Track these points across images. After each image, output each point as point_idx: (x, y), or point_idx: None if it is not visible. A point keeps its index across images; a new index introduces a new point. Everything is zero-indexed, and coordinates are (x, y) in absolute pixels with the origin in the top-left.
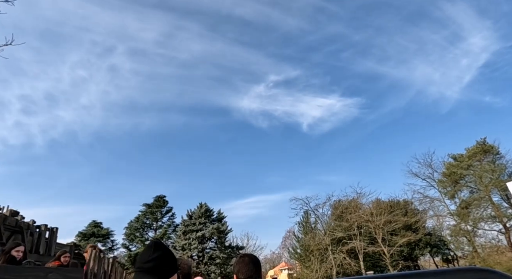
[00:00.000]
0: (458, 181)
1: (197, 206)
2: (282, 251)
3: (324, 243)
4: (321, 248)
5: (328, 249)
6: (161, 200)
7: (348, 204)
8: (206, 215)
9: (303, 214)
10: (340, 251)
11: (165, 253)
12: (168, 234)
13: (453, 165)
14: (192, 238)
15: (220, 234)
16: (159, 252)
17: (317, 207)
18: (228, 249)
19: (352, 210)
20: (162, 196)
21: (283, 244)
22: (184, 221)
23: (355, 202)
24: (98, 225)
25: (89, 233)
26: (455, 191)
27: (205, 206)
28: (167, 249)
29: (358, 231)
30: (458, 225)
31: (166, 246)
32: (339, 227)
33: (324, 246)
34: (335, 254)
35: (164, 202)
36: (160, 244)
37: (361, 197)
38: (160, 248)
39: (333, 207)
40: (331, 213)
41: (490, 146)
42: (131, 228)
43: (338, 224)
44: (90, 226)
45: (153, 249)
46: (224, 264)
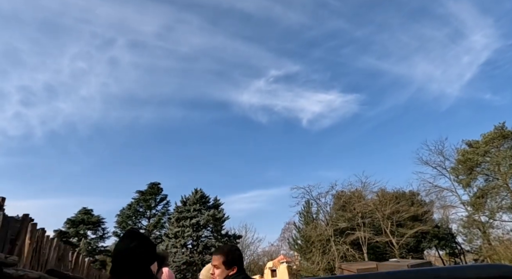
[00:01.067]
0: (473, 168)
1: (192, 191)
2: (281, 243)
3: (326, 234)
4: (323, 239)
5: (331, 240)
6: (155, 187)
7: (352, 194)
8: (201, 201)
9: (304, 203)
10: (343, 242)
11: (142, 242)
12: (162, 223)
13: (468, 151)
14: (186, 225)
15: (216, 221)
16: (136, 241)
17: (319, 196)
18: (224, 237)
19: (356, 200)
20: (156, 183)
21: (282, 236)
22: (178, 208)
23: (359, 192)
24: (89, 212)
25: (78, 220)
26: (470, 178)
27: (201, 192)
28: (144, 238)
29: (362, 221)
30: (472, 215)
31: (144, 235)
32: (342, 217)
33: (326, 237)
34: (337, 246)
35: (159, 189)
36: (137, 233)
37: (366, 186)
38: (137, 237)
39: (335, 197)
40: (333, 203)
41: (509, 131)
42: (123, 215)
43: (341, 214)
44: (80, 213)
45: (130, 238)
46: None
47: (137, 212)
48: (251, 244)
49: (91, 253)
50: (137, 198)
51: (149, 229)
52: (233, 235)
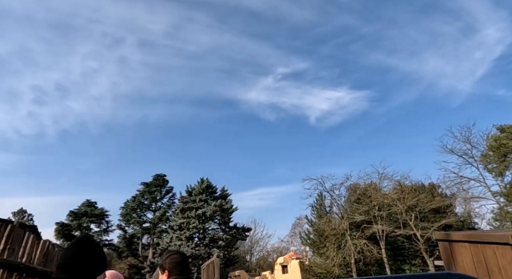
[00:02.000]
0: (507, 155)
1: (197, 181)
2: (291, 239)
3: (341, 227)
4: (337, 233)
5: (346, 234)
6: (160, 179)
7: (367, 186)
8: (207, 191)
9: (317, 196)
10: (359, 236)
11: (87, 252)
12: (168, 216)
13: (501, 137)
14: (191, 217)
15: (224, 212)
16: (81, 250)
17: (333, 187)
18: (232, 230)
19: (372, 192)
20: (162, 174)
21: (293, 232)
22: (183, 198)
23: (375, 184)
24: (92, 204)
25: (81, 212)
26: (504, 166)
27: (207, 182)
28: (91, 247)
29: (380, 214)
30: (504, 207)
31: (92, 244)
32: (358, 210)
33: (341, 231)
34: (354, 240)
35: (164, 181)
36: (84, 242)
37: (383, 178)
38: (84, 246)
39: (348, 189)
40: (347, 195)
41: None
42: (128, 208)
43: (356, 207)
44: (83, 205)
45: (76, 246)
46: (227, 247)
47: (142, 204)
48: (260, 240)
49: None
50: (142, 190)
51: (154, 222)
52: (242, 228)
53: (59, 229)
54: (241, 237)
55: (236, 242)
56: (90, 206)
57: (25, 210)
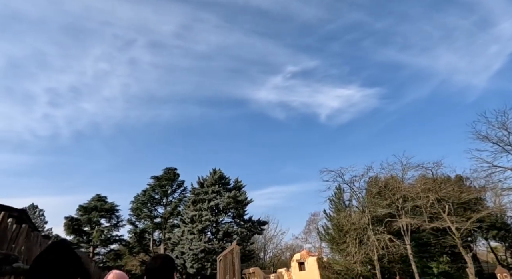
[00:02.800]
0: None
1: (209, 172)
2: (306, 236)
3: (362, 222)
4: (358, 228)
5: (368, 229)
6: (171, 172)
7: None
8: (220, 182)
9: (335, 189)
10: (382, 231)
11: (61, 257)
12: (179, 210)
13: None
14: (204, 209)
15: (238, 204)
16: (55, 254)
17: (353, 180)
18: (247, 223)
19: (395, 184)
20: (172, 168)
21: (307, 229)
22: (194, 189)
23: (395, 178)
24: (102, 199)
25: (90, 207)
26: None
27: (219, 172)
28: (66, 252)
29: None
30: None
31: (67, 249)
32: (380, 203)
33: (363, 226)
34: (377, 235)
35: (175, 174)
36: (58, 246)
37: (407, 169)
38: (58, 251)
39: (369, 182)
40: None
41: None
42: (138, 202)
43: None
44: (93, 199)
45: (50, 250)
46: (242, 241)
47: (153, 199)
48: (273, 237)
49: (104, 242)
50: (152, 184)
51: (166, 216)
52: (258, 221)
53: (68, 224)
54: (257, 231)
55: (251, 236)
56: (100, 201)
57: (36, 206)
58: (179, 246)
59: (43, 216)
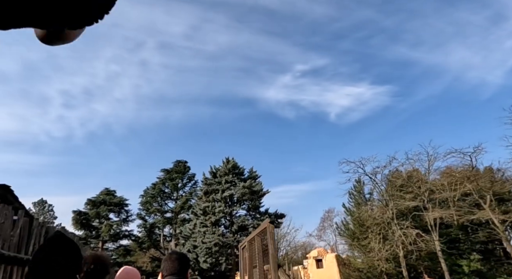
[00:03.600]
0: None
1: (222, 161)
2: (320, 233)
3: (386, 216)
4: (381, 222)
5: (392, 223)
6: (181, 165)
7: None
8: (234, 172)
9: (355, 182)
10: (408, 226)
11: (67, 251)
12: (190, 204)
13: None
14: (217, 199)
15: (253, 195)
16: (55, 248)
17: (375, 171)
18: (263, 215)
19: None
20: (183, 161)
21: (321, 226)
22: (206, 180)
23: (419, 171)
24: (111, 192)
25: (99, 200)
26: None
27: (233, 162)
28: (66, 246)
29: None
30: None
31: (67, 242)
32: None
33: (387, 220)
34: (403, 230)
35: (186, 167)
36: (62, 240)
37: (433, 159)
38: (62, 245)
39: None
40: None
41: None
42: (147, 195)
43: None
44: (101, 193)
45: (50, 244)
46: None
47: (163, 193)
48: (286, 234)
49: (114, 237)
50: (162, 177)
51: (176, 211)
52: (275, 214)
53: (76, 218)
54: (274, 224)
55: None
56: (109, 194)
57: (45, 201)
58: (191, 240)
59: (52, 211)
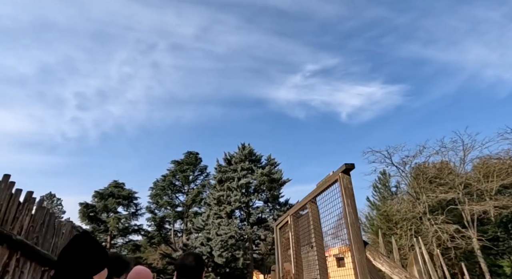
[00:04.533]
0: None
1: (238, 147)
2: (336, 231)
3: (417, 210)
4: (411, 217)
5: (424, 218)
6: (193, 157)
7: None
8: (250, 159)
9: (380, 174)
10: (444, 221)
11: (87, 248)
12: (202, 197)
13: None
14: (232, 188)
15: (273, 183)
16: (80, 246)
17: (403, 161)
18: (284, 206)
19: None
20: (194, 152)
21: (337, 223)
22: (220, 167)
23: (445, 163)
24: (120, 185)
25: (106, 193)
26: None
27: (249, 148)
28: (91, 244)
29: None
30: None
31: (91, 240)
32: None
33: (418, 215)
34: (437, 225)
35: (197, 159)
36: (86, 239)
37: (469, 149)
38: (82, 242)
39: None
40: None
41: None
42: (157, 188)
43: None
44: (110, 186)
45: (75, 242)
46: None
47: (173, 185)
48: None
49: (123, 232)
50: (173, 169)
51: (188, 204)
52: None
53: (83, 211)
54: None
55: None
56: (117, 187)
57: (53, 194)
58: (204, 232)
59: (61, 205)
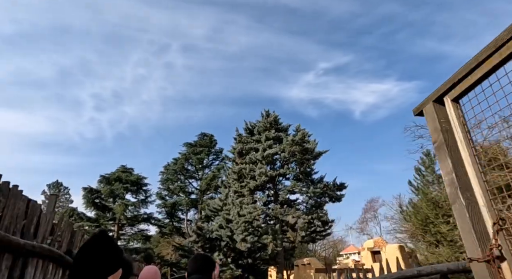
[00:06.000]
0: None
1: (261, 114)
2: (362, 226)
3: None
4: None
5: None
6: (207, 139)
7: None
8: (276, 128)
9: (423, 156)
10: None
11: (103, 248)
12: (218, 180)
13: None
14: (256, 160)
15: (305, 155)
16: (96, 246)
17: None
18: (317, 184)
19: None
20: (208, 134)
21: (363, 218)
22: (240, 137)
23: None
24: (128, 170)
25: (113, 178)
26: None
27: (274, 115)
28: (107, 244)
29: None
30: None
31: (108, 240)
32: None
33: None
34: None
35: (212, 141)
36: (103, 238)
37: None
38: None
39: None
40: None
41: None
42: (168, 172)
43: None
44: (117, 171)
45: (91, 242)
46: (311, 211)
47: (186, 171)
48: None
49: (131, 220)
50: (185, 152)
51: (202, 189)
52: (333, 183)
53: (87, 196)
54: (334, 196)
55: (323, 204)
56: (125, 172)
57: (60, 183)
58: (223, 212)
59: (68, 195)
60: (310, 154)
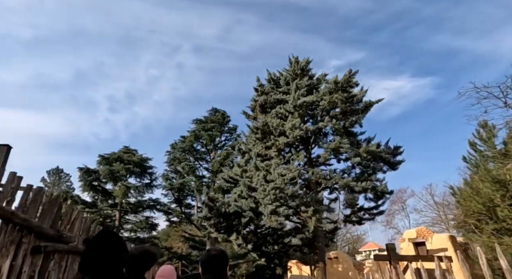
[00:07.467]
0: None
1: (289, 59)
2: (389, 218)
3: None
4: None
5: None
6: (219, 115)
7: None
8: (310, 75)
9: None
10: None
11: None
12: (231, 159)
13: None
14: (283, 114)
15: (351, 106)
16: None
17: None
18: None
19: None
20: (221, 110)
21: (389, 210)
22: (262, 87)
23: None
24: (131, 151)
25: (114, 157)
26: None
27: (306, 60)
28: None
29: None
30: None
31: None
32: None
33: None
34: None
35: (225, 118)
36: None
37: None
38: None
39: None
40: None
41: None
42: (175, 152)
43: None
44: (119, 151)
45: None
46: (366, 176)
47: (195, 151)
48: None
49: (135, 206)
50: (194, 130)
51: (214, 170)
52: (387, 146)
53: (84, 178)
54: (389, 161)
55: (378, 170)
56: (128, 153)
57: (61, 169)
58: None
59: (70, 182)
60: (357, 103)
